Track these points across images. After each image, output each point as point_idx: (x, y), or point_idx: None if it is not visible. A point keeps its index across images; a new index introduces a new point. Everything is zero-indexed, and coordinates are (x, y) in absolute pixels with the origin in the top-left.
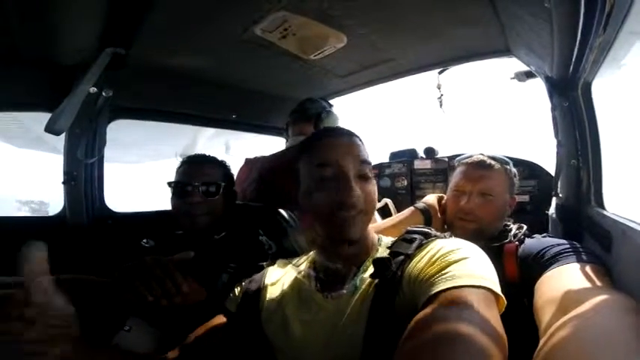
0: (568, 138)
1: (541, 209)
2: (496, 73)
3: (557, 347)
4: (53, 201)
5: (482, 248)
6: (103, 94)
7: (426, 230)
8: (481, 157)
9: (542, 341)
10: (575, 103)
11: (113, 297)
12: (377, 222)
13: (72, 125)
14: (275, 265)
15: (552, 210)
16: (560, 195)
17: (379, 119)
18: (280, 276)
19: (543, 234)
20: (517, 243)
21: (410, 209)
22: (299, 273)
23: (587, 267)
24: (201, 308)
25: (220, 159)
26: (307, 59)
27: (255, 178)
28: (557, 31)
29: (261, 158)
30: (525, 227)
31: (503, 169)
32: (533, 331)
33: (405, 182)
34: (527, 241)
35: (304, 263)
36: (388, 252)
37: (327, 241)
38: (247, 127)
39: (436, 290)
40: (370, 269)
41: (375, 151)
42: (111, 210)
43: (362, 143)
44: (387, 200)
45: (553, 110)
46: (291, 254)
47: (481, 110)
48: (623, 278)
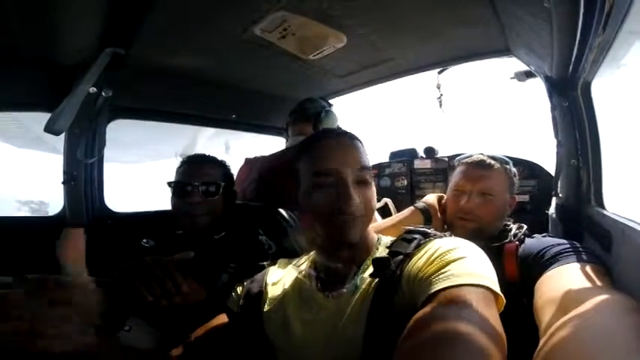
0: (568, 138)
1: (541, 209)
2: (496, 73)
3: (557, 347)
4: (53, 201)
5: (482, 248)
6: (103, 94)
7: (425, 230)
8: (481, 157)
9: (542, 341)
10: (574, 103)
11: (113, 297)
12: (377, 221)
13: (71, 125)
14: (276, 266)
15: (552, 210)
16: (560, 195)
17: (379, 119)
18: (281, 276)
19: (543, 234)
20: (517, 243)
21: (410, 209)
22: (300, 273)
23: (587, 267)
24: (201, 308)
25: (220, 159)
26: (307, 59)
27: (255, 178)
28: (556, 31)
29: (261, 158)
30: (525, 227)
31: (503, 169)
32: (533, 331)
33: (405, 182)
34: (527, 241)
35: (305, 263)
36: (388, 251)
37: (327, 243)
38: (247, 127)
39: (435, 289)
40: (370, 269)
41: (375, 151)
42: (111, 210)
43: (362, 145)
44: (387, 200)
45: (553, 110)
46: (291, 254)
47: (481, 110)
48: (623, 278)
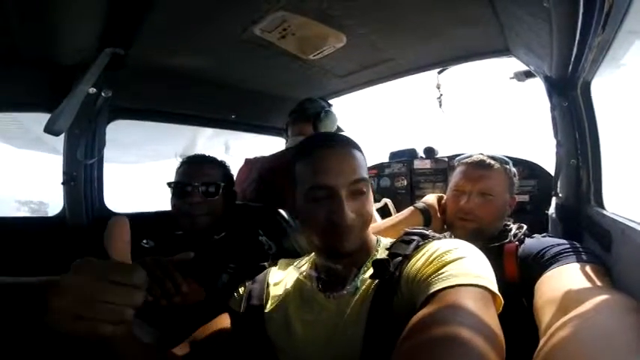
0: (567, 138)
1: (541, 209)
2: (495, 73)
3: (557, 347)
4: (53, 201)
5: (481, 248)
6: (103, 95)
7: (424, 232)
8: (481, 157)
9: (542, 341)
10: (574, 103)
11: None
12: (377, 222)
13: (71, 126)
14: (277, 266)
15: (552, 210)
16: (559, 195)
17: (379, 119)
18: (282, 277)
19: (543, 234)
20: (517, 243)
21: (409, 209)
22: (300, 274)
23: (587, 267)
24: (201, 308)
25: (220, 159)
26: (306, 59)
27: (254, 179)
28: (556, 31)
29: (260, 158)
30: (525, 227)
31: (502, 169)
32: (532, 331)
33: (405, 182)
34: (527, 241)
35: (306, 264)
36: (387, 253)
37: (325, 251)
38: (247, 128)
39: (433, 290)
40: (370, 270)
41: (375, 151)
42: (110, 210)
43: (359, 152)
44: (387, 200)
45: (552, 110)
46: (291, 254)
47: (481, 110)
48: (623, 278)
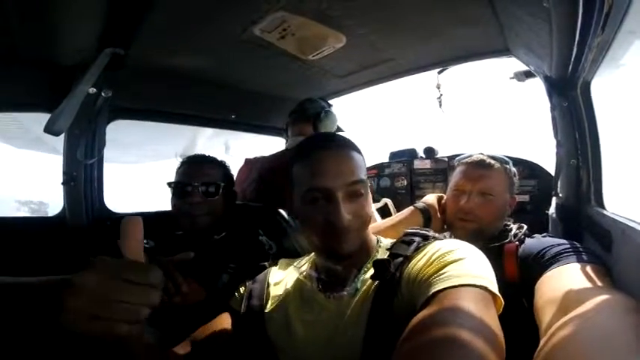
0: (567, 138)
1: (541, 209)
2: (495, 73)
3: (557, 347)
4: (53, 201)
5: (482, 248)
6: (102, 95)
7: (425, 232)
8: (481, 157)
9: (542, 341)
10: (574, 103)
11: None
12: (376, 222)
13: (71, 126)
14: (277, 266)
15: (552, 210)
16: (560, 195)
17: (379, 119)
18: (283, 277)
19: (543, 234)
20: (517, 243)
21: (409, 209)
22: (301, 274)
23: (587, 267)
24: (201, 308)
25: (220, 159)
26: (306, 59)
27: (254, 179)
28: (556, 31)
29: (260, 158)
30: (525, 227)
31: (503, 169)
32: (533, 332)
33: (405, 182)
34: (527, 241)
35: (306, 264)
36: (388, 254)
37: (324, 252)
38: (247, 128)
39: (433, 291)
40: (370, 271)
41: (375, 151)
42: (110, 210)
43: (357, 153)
44: (387, 200)
45: (552, 110)
46: (291, 254)
47: (481, 110)
48: (623, 278)
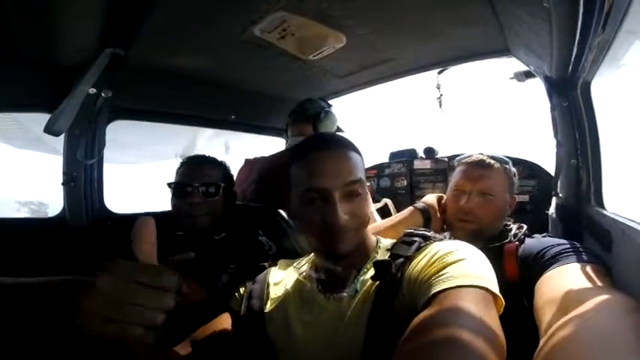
0: (567, 138)
1: (541, 209)
2: (495, 73)
3: (557, 347)
4: (53, 202)
5: (482, 248)
6: (102, 95)
7: (425, 233)
8: (481, 157)
9: (542, 341)
10: (574, 103)
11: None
12: (376, 222)
13: (71, 126)
14: (277, 267)
15: (552, 210)
16: (559, 195)
17: (379, 119)
18: (282, 277)
19: (543, 234)
20: (517, 243)
21: (409, 209)
22: (300, 275)
23: (587, 267)
24: (201, 308)
25: (220, 159)
26: (306, 59)
27: (254, 179)
28: (556, 31)
29: (260, 159)
30: (525, 227)
31: (502, 169)
32: (533, 332)
33: (405, 182)
34: (527, 241)
35: (305, 265)
36: (388, 255)
37: (322, 253)
38: (247, 128)
39: (434, 291)
40: (371, 272)
41: (375, 151)
42: (110, 211)
43: (355, 153)
44: (387, 200)
45: (552, 110)
46: (291, 255)
47: (481, 110)
48: (623, 278)
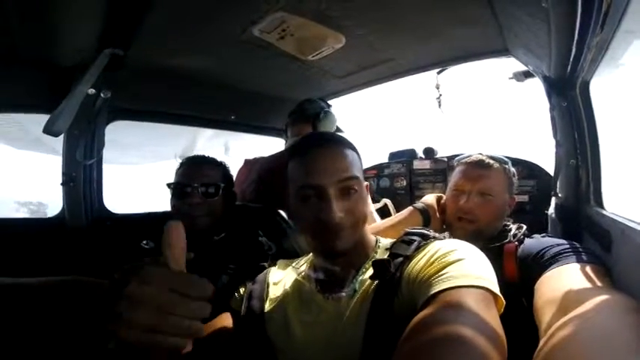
0: (567, 138)
1: (540, 209)
2: (495, 73)
3: (557, 347)
4: (52, 202)
5: (481, 248)
6: (102, 96)
7: (425, 232)
8: (480, 157)
9: (542, 341)
10: (573, 103)
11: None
12: (376, 222)
13: (70, 126)
14: (276, 266)
15: (552, 210)
16: (559, 195)
17: (378, 119)
18: (282, 277)
19: (543, 234)
20: (516, 243)
21: (409, 209)
22: (299, 275)
23: (586, 267)
24: None
25: (219, 160)
26: (306, 60)
27: (254, 179)
28: (554, 31)
29: (260, 159)
30: (525, 227)
31: (502, 169)
32: (532, 332)
33: (404, 182)
34: (526, 241)
35: (304, 265)
36: (388, 254)
37: (319, 251)
38: (246, 128)
39: (434, 291)
40: (370, 271)
41: (375, 151)
42: (110, 211)
43: (351, 152)
44: (386, 200)
45: (551, 110)
46: (291, 255)
47: (480, 110)
48: (623, 278)
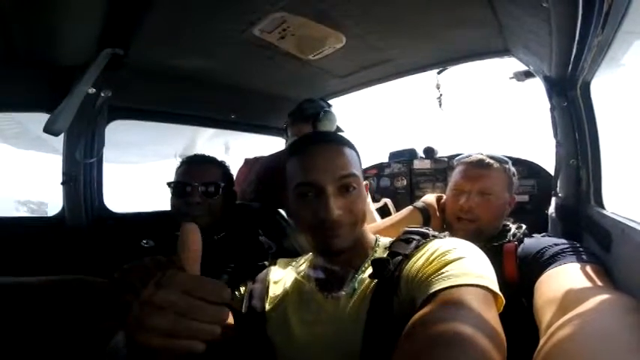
0: (567, 137)
1: (540, 209)
2: (495, 73)
3: (557, 347)
4: (52, 201)
5: (481, 248)
6: (102, 95)
7: (424, 231)
8: (480, 157)
9: (542, 341)
10: (573, 103)
11: (113, 297)
12: (376, 221)
13: (71, 126)
14: (276, 265)
15: (552, 209)
16: (559, 194)
17: (379, 119)
18: (282, 276)
19: (543, 233)
20: (516, 242)
21: (409, 208)
22: (299, 274)
23: (586, 267)
24: None
25: (220, 159)
26: (306, 59)
27: (254, 179)
28: (555, 31)
29: (260, 159)
30: (525, 227)
31: (502, 169)
32: (532, 331)
33: (405, 182)
34: (526, 241)
35: (304, 264)
36: (387, 253)
37: (318, 249)
38: (246, 128)
39: (433, 290)
40: (369, 270)
41: (375, 151)
42: (110, 210)
43: (350, 150)
44: (387, 200)
45: (552, 110)
46: (291, 254)
47: (480, 110)
48: (623, 278)
